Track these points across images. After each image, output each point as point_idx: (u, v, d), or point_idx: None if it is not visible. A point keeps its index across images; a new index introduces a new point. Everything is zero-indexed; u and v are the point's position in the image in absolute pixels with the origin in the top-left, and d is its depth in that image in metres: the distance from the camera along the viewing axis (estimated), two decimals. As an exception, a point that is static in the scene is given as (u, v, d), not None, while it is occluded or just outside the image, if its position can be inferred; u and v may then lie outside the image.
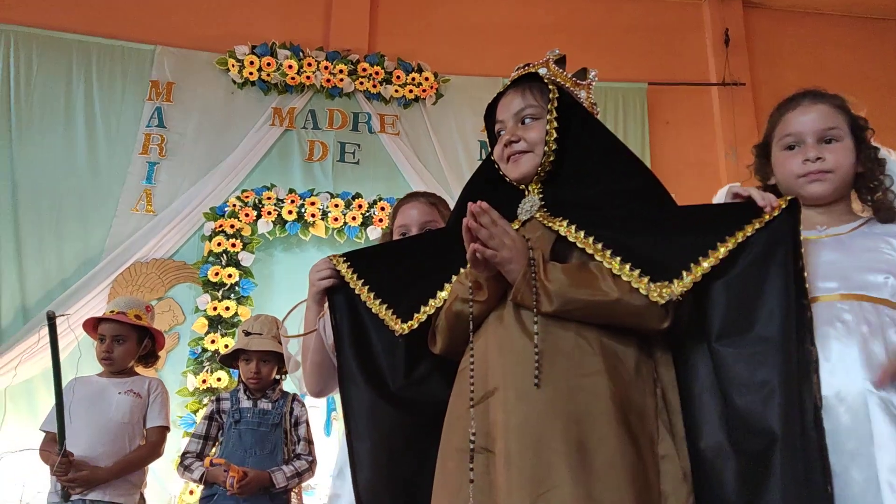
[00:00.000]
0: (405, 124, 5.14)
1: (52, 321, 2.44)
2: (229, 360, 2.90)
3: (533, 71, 1.47)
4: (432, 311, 1.43)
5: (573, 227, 1.32)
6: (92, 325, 2.83)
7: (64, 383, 2.81)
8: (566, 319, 1.25)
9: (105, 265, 4.48)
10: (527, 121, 1.44)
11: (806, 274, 1.28)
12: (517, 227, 1.41)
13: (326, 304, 1.56)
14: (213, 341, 4.33)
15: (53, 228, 4.53)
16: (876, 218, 1.52)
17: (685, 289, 1.20)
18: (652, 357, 1.30)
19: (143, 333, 2.81)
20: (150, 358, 2.87)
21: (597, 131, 1.45)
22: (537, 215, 1.40)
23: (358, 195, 4.80)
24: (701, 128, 5.45)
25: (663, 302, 1.20)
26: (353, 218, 4.72)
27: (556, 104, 1.40)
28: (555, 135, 1.39)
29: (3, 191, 4.53)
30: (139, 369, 2.86)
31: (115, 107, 4.84)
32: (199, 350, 4.34)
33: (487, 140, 1.55)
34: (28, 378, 4.13)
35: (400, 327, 1.44)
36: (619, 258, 1.25)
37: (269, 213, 4.67)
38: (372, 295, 1.49)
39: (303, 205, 4.72)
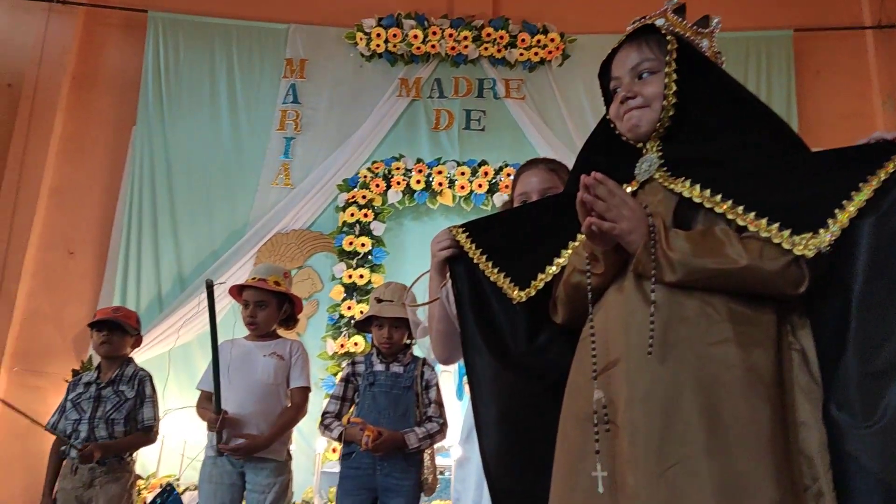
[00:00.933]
0: (531, 88, 5.07)
1: (210, 288, 2.62)
2: (363, 326, 3.02)
3: (649, 23, 1.39)
4: (549, 278, 1.41)
5: (697, 186, 1.24)
6: (237, 292, 3.01)
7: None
8: (691, 288, 1.19)
9: (250, 236, 4.77)
10: (644, 75, 1.36)
11: None
12: (635, 188, 1.36)
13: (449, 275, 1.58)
14: (349, 308, 4.52)
15: (204, 203, 4.87)
16: None
17: (834, 237, 1.10)
18: (787, 321, 1.22)
19: (282, 298, 2.96)
20: (290, 321, 3.03)
21: (721, 82, 1.35)
22: (656, 175, 1.33)
23: (484, 162, 4.81)
24: (854, 76, 5.00)
25: (811, 255, 1.11)
26: (480, 185, 4.74)
27: (674, 56, 1.32)
28: (674, 88, 1.31)
29: (159, 171, 4.91)
30: (281, 332, 3.02)
31: (253, 86, 5.11)
32: (337, 316, 4.55)
33: (603, 100, 1.49)
34: (186, 342, 4.49)
35: (517, 295, 1.42)
36: (753, 213, 1.17)
37: (398, 183, 4.78)
38: (490, 263, 1.48)
39: (430, 174, 4.79)
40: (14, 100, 5.19)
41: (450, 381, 4.11)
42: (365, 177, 4.82)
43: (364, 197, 4.77)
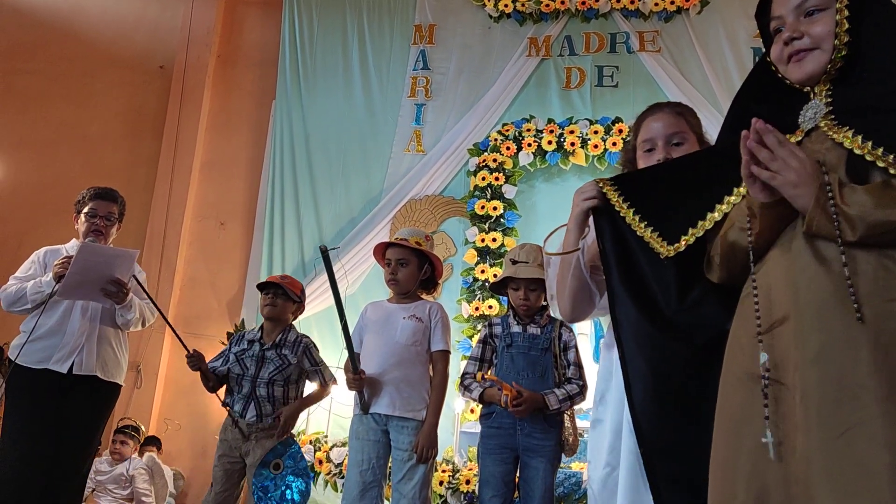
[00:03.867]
0: (666, 40, 4.84)
1: (325, 254, 2.69)
2: (499, 288, 3.02)
3: None
4: (700, 233, 1.34)
5: (859, 137, 1.15)
6: (380, 252, 3.11)
7: (360, 308, 3.17)
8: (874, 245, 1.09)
9: (385, 203, 4.89)
10: (812, 13, 1.25)
11: None
12: (800, 137, 1.26)
13: (589, 227, 1.54)
14: (482, 271, 4.55)
15: (341, 172, 5.04)
16: None
17: None
18: None
19: (423, 259, 3.02)
20: (430, 284, 3.08)
21: (894, 19, 1.23)
22: (821, 124, 1.23)
23: (618, 119, 4.66)
24: None
25: None
26: (614, 144, 4.60)
27: None
28: (846, 26, 1.20)
29: (299, 143, 5.12)
30: (422, 295, 3.09)
31: (384, 54, 5.19)
32: (471, 279, 4.59)
33: (762, 41, 1.38)
34: (328, 306, 4.69)
35: (665, 249, 1.37)
36: None
37: (529, 144, 4.73)
38: (637, 218, 1.43)
39: (562, 134, 4.70)
40: (167, 80, 5.57)
41: (586, 343, 4.07)
42: (495, 140, 4.80)
43: (495, 160, 4.75)
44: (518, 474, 2.77)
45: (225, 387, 3.14)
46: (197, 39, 5.56)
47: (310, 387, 3.21)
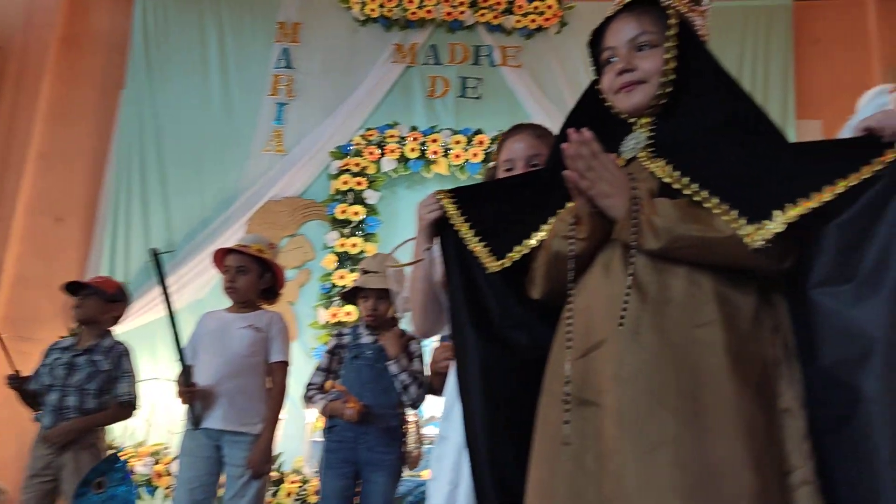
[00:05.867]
0: (528, 56, 4.99)
1: (156, 257, 2.53)
2: (350, 298, 2.97)
3: None
4: (528, 250, 1.37)
5: (669, 167, 1.23)
6: (220, 259, 2.98)
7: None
8: (677, 263, 1.16)
9: (241, 204, 4.72)
10: (643, 48, 1.31)
11: None
12: (621, 165, 1.32)
13: (437, 240, 1.54)
14: (341, 277, 4.49)
15: (194, 169, 4.80)
16: None
17: (777, 230, 1.09)
18: (772, 304, 1.20)
19: (264, 268, 2.92)
20: (271, 294, 2.97)
21: (711, 63, 1.33)
22: (640, 155, 1.30)
23: (479, 131, 4.75)
24: (854, 46, 4.92)
25: (755, 246, 1.09)
26: (475, 154, 4.68)
27: (675, 31, 1.28)
28: (673, 64, 1.27)
29: (148, 135, 4.83)
30: (263, 305, 2.98)
31: (245, 49, 5.01)
32: (329, 285, 4.52)
33: (593, 69, 1.43)
34: (176, 309, 4.44)
35: (492, 264, 1.39)
36: (717, 198, 1.15)
37: (392, 150, 4.72)
38: (472, 232, 1.44)
39: (425, 142, 4.73)
40: (1, 62, 5.09)
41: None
42: (358, 144, 4.75)
43: (357, 164, 4.71)
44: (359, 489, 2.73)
45: None
46: (39, 19, 5.11)
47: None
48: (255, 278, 2.88)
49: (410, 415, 2.76)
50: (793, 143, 1.27)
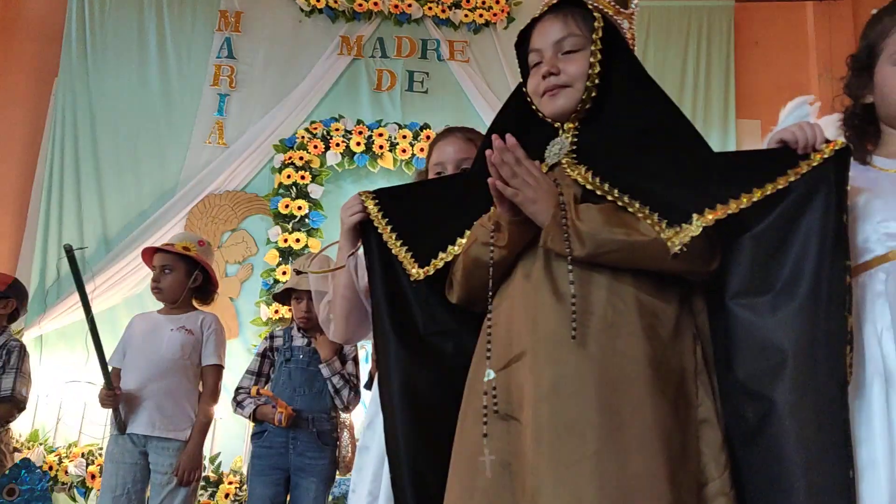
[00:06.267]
0: (475, 51, 4.96)
1: (70, 254, 2.43)
2: (282, 299, 2.90)
3: None
4: (450, 257, 1.33)
5: (590, 173, 1.22)
6: (148, 258, 2.88)
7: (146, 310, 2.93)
8: (599, 272, 1.15)
9: (180, 197, 4.59)
10: (568, 52, 1.29)
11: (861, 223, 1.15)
12: (545, 171, 1.30)
13: (361, 245, 1.49)
14: (284, 273, 4.40)
15: (131, 161, 4.65)
16: None
17: (694, 233, 1.10)
18: (692, 310, 1.20)
19: (193, 266, 2.83)
20: (205, 294, 2.88)
21: (637, 69, 1.32)
22: (563, 161, 1.28)
23: (426, 126, 4.71)
24: (793, 48, 5.05)
25: (675, 249, 1.10)
26: (422, 149, 4.63)
27: (600, 34, 1.26)
28: (598, 69, 1.26)
29: (83, 125, 4.65)
30: (200, 307, 2.89)
31: (185, 38, 4.86)
32: (272, 281, 4.42)
33: (519, 71, 1.40)
34: (111, 306, 4.31)
35: (416, 272, 1.35)
36: (638, 202, 1.15)
37: (338, 144, 4.64)
38: (394, 235, 1.40)
39: (371, 136, 4.67)
40: (-77, 45, 4.84)
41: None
42: (303, 137, 4.66)
43: (301, 158, 4.62)
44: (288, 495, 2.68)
45: None
46: (-34, 1, 4.89)
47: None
48: (181, 277, 2.79)
49: (345, 418, 2.71)
50: (712, 153, 1.27)
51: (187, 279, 2.80)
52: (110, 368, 2.69)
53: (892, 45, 1.33)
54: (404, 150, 4.65)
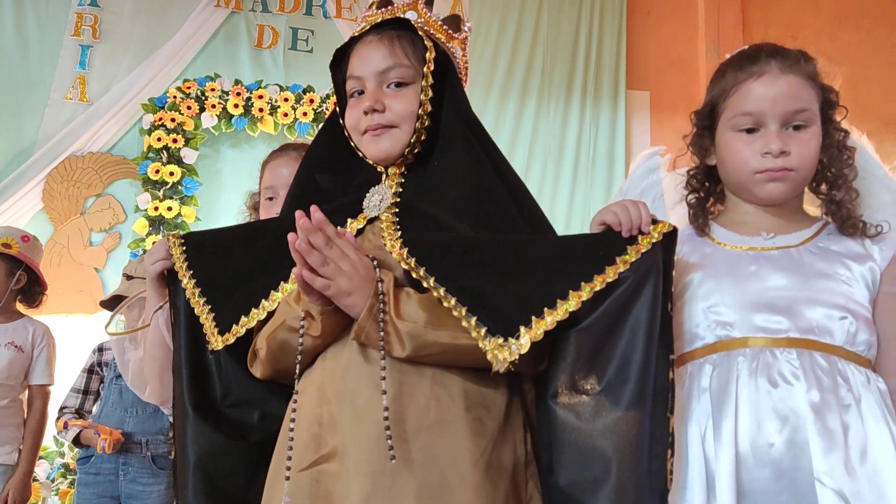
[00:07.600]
0: (365, 8, 4.71)
1: None
2: (111, 307, 2.64)
3: (400, 16, 1.16)
4: (253, 323, 1.17)
5: (405, 250, 1.07)
6: None
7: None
8: (423, 364, 1.04)
9: (38, 158, 4.21)
10: (394, 85, 1.15)
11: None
12: (363, 224, 1.17)
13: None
14: (154, 243, 4.13)
15: (-20, 117, 4.22)
16: (835, 225, 1.25)
17: (521, 351, 0.98)
18: (522, 395, 1.11)
19: (15, 265, 2.57)
20: (31, 297, 2.63)
21: (467, 109, 1.20)
22: (383, 216, 1.14)
23: (310, 88, 4.47)
24: (683, 20, 5.06)
25: (499, 368, 0.97)
26: (305, 114, 4.41)
27: (432, 67, 1.12)
28: (430, 107, 1.12)
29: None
30: (28, 312, 2.62)
31: (41, -19, 4.40)
32: (140, 252, 4.15)
33: (336, 98, 1.25)
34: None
35: (216, 340, 1.17)
36: (465, 308, 1.00)
37: (214, 106, 4.35)
38: (198, 291, 1.23)
39: (250, 97, 4.39)
40: None
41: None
42: (175, 97, 4.34)
43: (174, 120, 4.30)
44: None
45: None
46: None
47: None
48: (1, 278, 2.53)
49: None
50: (542, 233, 1.16)
51: (9, 280, 2.53)
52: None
53: (731, 108, 1.24)
54: (286, 114, 4.40)
